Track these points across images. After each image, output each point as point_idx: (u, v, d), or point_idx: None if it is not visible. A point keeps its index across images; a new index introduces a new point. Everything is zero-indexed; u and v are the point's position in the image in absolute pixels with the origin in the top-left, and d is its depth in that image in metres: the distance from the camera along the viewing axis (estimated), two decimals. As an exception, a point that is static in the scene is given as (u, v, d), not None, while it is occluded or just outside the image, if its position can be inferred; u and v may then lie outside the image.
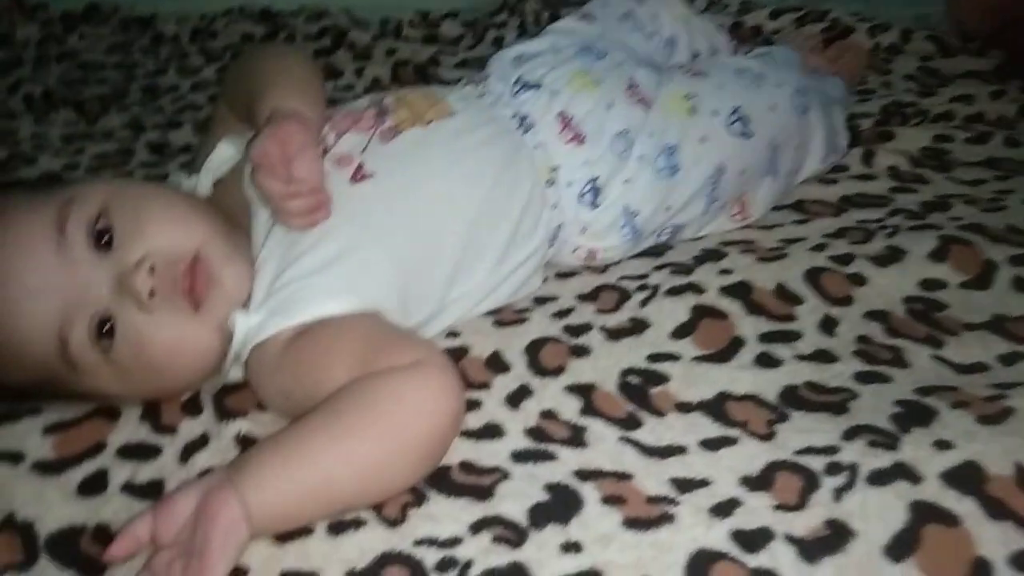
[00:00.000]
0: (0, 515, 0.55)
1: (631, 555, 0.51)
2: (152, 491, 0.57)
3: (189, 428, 0.62)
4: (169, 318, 0.61)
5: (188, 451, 0.60)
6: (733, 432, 0.60)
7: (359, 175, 0.68)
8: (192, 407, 0.64)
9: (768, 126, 0.79)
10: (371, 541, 0.53)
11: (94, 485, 0.58)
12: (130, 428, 0.63)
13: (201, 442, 0.61)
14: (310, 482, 0.52)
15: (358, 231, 0.66)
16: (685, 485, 0.56)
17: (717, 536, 0.52)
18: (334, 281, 0.64)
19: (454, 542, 0.52)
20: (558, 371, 0.66)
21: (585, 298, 0.74)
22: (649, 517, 0.53)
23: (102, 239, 0.61)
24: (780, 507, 0.54)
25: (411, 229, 0.67)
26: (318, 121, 0.68)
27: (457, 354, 0.68)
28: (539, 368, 0.66)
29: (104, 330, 0.60)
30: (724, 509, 0.54)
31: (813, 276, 0.74)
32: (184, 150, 1.04)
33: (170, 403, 0.65)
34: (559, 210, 0.73)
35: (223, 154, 0.72)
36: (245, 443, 0.60)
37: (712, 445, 0.59)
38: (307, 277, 0.64)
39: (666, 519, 0.53)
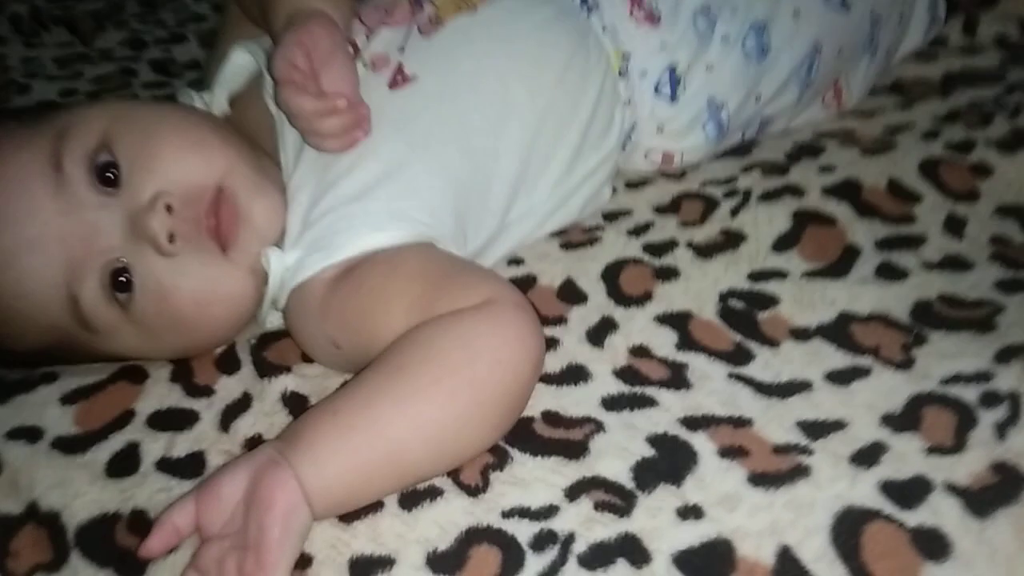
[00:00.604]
0: (21, 505, 0.48)
1: (763, 519, 0.43)
2: (191, 467, 0.49)
3: (227, 388, 0.54)
4: (194, 263, 0.52)
5: (228, 415, 0.52)
6: (864, 361, 0.51)
7: (399, 79, 0.58)
8: (228, 363, 0.56)
9: (869, -6, 0.67)
10: (452, 514, 0.45)
11: (125, 463, 0.50)
12: (160, 391, 0.54)
13: (242, 404, 0.53)
14: (376, 453, 0.44)
15: (402, 146, 0.56)
16: (816, 429, 0.47)
17: (865, 490, 0.44)
18: (379, 208, 0.54)
19: (549, 512, 0.44)
20: (644, 298, 0.57)
21: (664, 210, 0.64)
22: (779, 471, 0.45)
23: (106, 175, 0.52)
24: (934, 450, 0.45)
25: (464, 139, 0.57)
26: (346, 19, 0.57)
27: (523, 285, 0.58)
28: (621, 296, 0.57)
29: (120, 282, 0.52)
30: (868, 456, 0.45)
31: (929, 169, 0.64)
32: (191, 67, 0.94)
33: (203, 359, 0.56)
34: (633, 106, 0.62)
35: (238, 63, 0.62)
36: (292, 403, 0.52)
37: (841, 378, 0.50)
38: (347, 205, 0.54)
39: (800, 472, 0.45)
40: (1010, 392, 0.47)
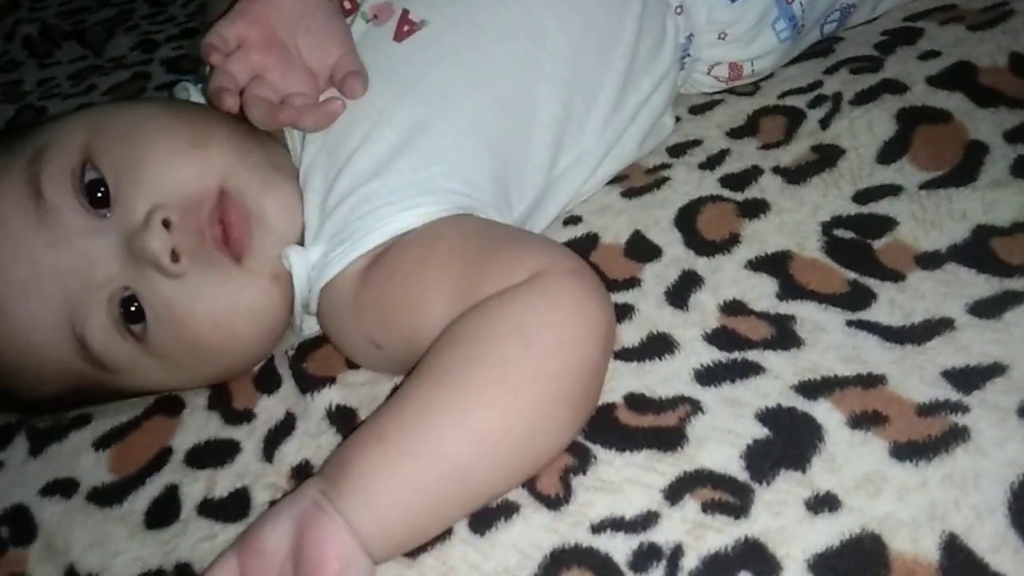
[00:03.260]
0: (59, 570, 0.43)
1: (919, 502, 0.34)
2: (235, 507, 0.43)
3: (268, 409, 0.48)
4: (207, 281, 0.46)
5: (272, 442, 0.46)
6: (1016, 284, 0.41)
7: (405, 28, 0.49)
8: (268, 381, 0.50)
9: None
10: (532, 534, 0.38)
11: (165, 511, 0.44)
12: (198, 422, 0.49)
13: (286, 427, 0.46)
14: (435, 478, 0.37)
15: (420, 105, 0.48)
16: (969, 378, 0.38)
17: (1046, 451, 0.34)
18: (402, 182, 0.46)
19: (648, 520, 0.37)
20: (731, 243, 0.48)
21: (740, 133, 0.54)
22: (930, 437, 0.36)
23: (96, 195, 0.46)
24: None
25: (491, 86, 0.48)
26: None
27: (584, 246, 0.50)
28: (702, 244, 0.48)
29: (131, 312, 0.46)
30: (1043, 406, 0.36)
31: (1060, 33, 0.52)
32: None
33: (241, 379, 0.50)
34: (686, 14, 0.52)
35: None
36: (340, 418, 0.46)
37: (990, 309, 0.40)
38: (366, 184, 0.47)
39: (957, 436, 0.36)
40: None
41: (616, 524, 0.37)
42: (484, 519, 0.39)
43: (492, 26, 0.48)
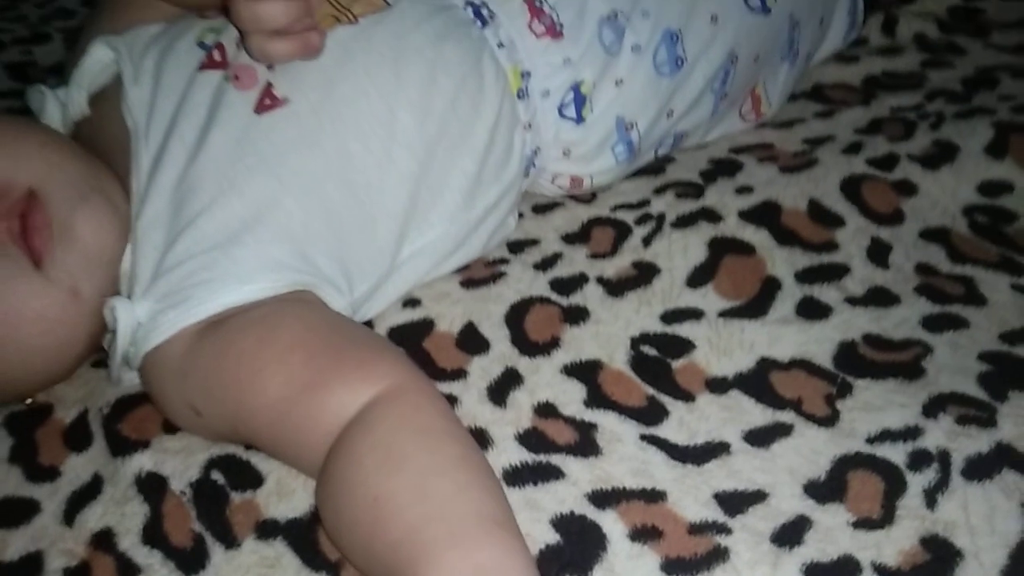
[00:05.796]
0: None
1: (678, 615, 0.39)
2: (25, 572, 0.42)
3: (75, 469, 0.47)
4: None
5: (74, 505, 0.45)
6: (786, 416, 0.47)
7: (267, 102, 0.51)
8: (78, 437, 0.49)
9: (789, -4, 0.63)
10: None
11: (-54, 572, 0.43)
12: (-4, 475, 0.47)
13: (92, 490, 0.46)
14: None
15: (272, 182, 0.49)
16: (735, 502, 0.43)
17: (788, 575, 0.39)
18: (246, 255, 0.48)
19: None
20: (551, 345, 0.51)
21: (573, 239, 0.59)
22: (695, 556, 0.40)
23: None
24: (861, 524, 0.41)
25: (343, 173, 0.50)
26: None
27: (418, 331, 0.53)
28: (526, 343, 0.52)
29: None
30: (791, 534, 0.41)
31: (852, 187, 0.60)
32: (55, 71, 0.84)
33: (50, 432, 0.49)
34: (535, 130, 0.56)
35: (97, 59, 0.55)
36: (148, 486, 0.45)
37: (761, 438, 0.46)
38: (208, 251, 0.48)
39: (718, 556, 0.40)
40: (940, 451, 0.44)
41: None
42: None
43: (353, 118, 0.50)
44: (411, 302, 0.55)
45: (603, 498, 0.43)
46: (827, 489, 0.43)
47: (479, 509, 0.38)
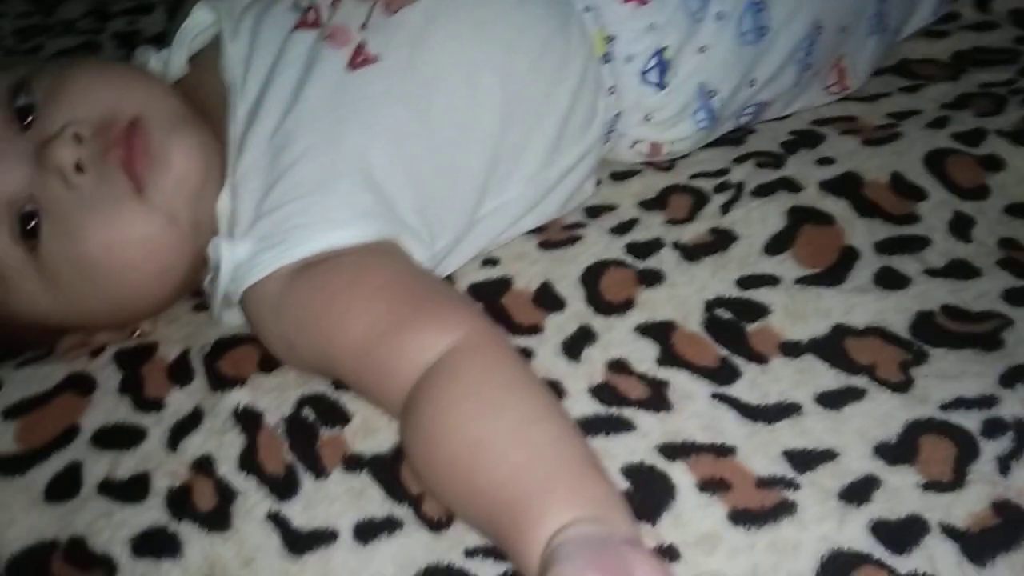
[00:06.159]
0: (-47, 532, 0.45)
1: (743, 564, 0.40)
2: (136, 490, 0.46)
3: (178, 402, 0.51)
4: (104, 199, 0.50)
5: (177, 433, 0.49)
6: (858, 381, 0.47)
7: (360, 59, 0.53)
8: (181, 373, 0.52)
9: (877, -33, 0.62)
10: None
11: (65, 486, 0.47)
12: (108, 404, 0.51)
13: (192, 421, 0.49)
14: None
15: (363, 132, 0.52)
16: (804, 459, 0.44)
17: (854, 531, 0.40)
18: (338, 202, 0.50)
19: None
20: (625, 306, 0.53)
21: (650, 205, 0.60)
22: (762, 508, 0.42)
23: (25, 119, 0.50)
24: (931, 486, 0.42)
25: (430, 131, 0.52)
26: None
27: (497, 288, 0.55)
28: (601, 303, 0.53)
29: (29, 229, 0.49)
30: (859, 492, 0.42)
31: (936, 161, 0.59)
32: (157, 40, 0.88)
33: (155, 368, 0.53)
34: (617, 95, 0.57)
35: (199, 21, 0.58)
36: (245, 419, 0.49)
37: (833, 400, 0.46)
38: (304, 197, 0.50)
39: (785, 509, 0.41)
40: (1015, 420, 0.44)
41: (487, 552, 0.41)
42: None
43: (440, 77, 0.52)
44: (490, 261, 0.57)
45: (673, 450, 0.45)
46: (898, 451, 0.43)
47: (579, 453, 0.41)
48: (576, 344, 0.51)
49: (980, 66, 0.69)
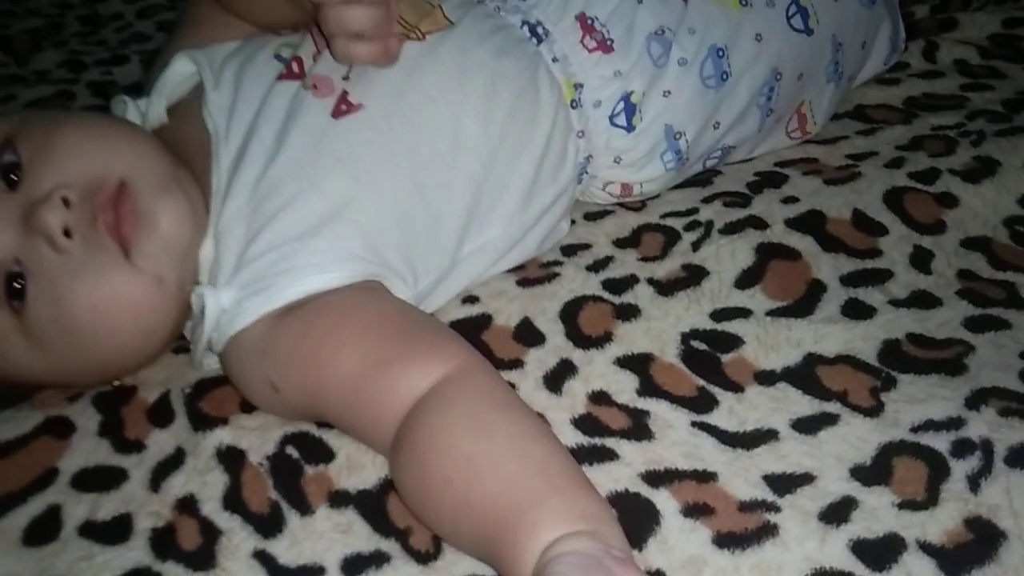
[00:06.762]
0: (-73, 579, 0.44)
1: (730, 585, 0.41)
2: (118, 531, 0.46)
3: (159, 443, 0.50)
4: (92, 263, 0.49)
5: (159, 474, 0.49)
6: (832, 407, 0.49)
7: (343, 107, 0.54)
8: (161, 415, 0.52)
9: (832, 19, 0.65)
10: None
11: (44, 529, 0.46)
12: (87, 447, 0.51)
13: (174, 461, 0.49)
14: None
15: (348, 179, 0.53)
16: (783, 483, 0.45)
17: (835, 551, 0.41)
18: (324, 247, 0.51)
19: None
20: (604, 339, 0.54)
21: (624, 243, 0.61)
22: (746, 531, 0.42)
23: (9, 176, 0.50)
24: (905, 505, 0.43)
25: (413, 173, 0.54)
26: None
27: (477, 324, 0.56)
28: (580, 337, 0.54)
29: (15, 288, 0.49)
30: (838, 513, 0.43)
31: (894, 199, 0.62)
32: (132, 90, 0.89)
33: (134, 410, 0.53)
34: (587, 138, 0.60)
35: (179, 71, 0.59)
36: (227, 458, 0.49)
37: (808, 426, 0.48)
38: (289, 243, 0.51)
39: (767, 532, 0.42)
40: (982, 440, 0.45)
41: (474, 580, 0.41)
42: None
43: (422, 123, 0.54)
44: (470, 299, 0.58)
45: (656, 478, 0.45)
46: (873, 473, 0.45)
47: (572, 469, 0.42)
48: (558, 377, 0.52)
49: (931, 111, 0.73)
